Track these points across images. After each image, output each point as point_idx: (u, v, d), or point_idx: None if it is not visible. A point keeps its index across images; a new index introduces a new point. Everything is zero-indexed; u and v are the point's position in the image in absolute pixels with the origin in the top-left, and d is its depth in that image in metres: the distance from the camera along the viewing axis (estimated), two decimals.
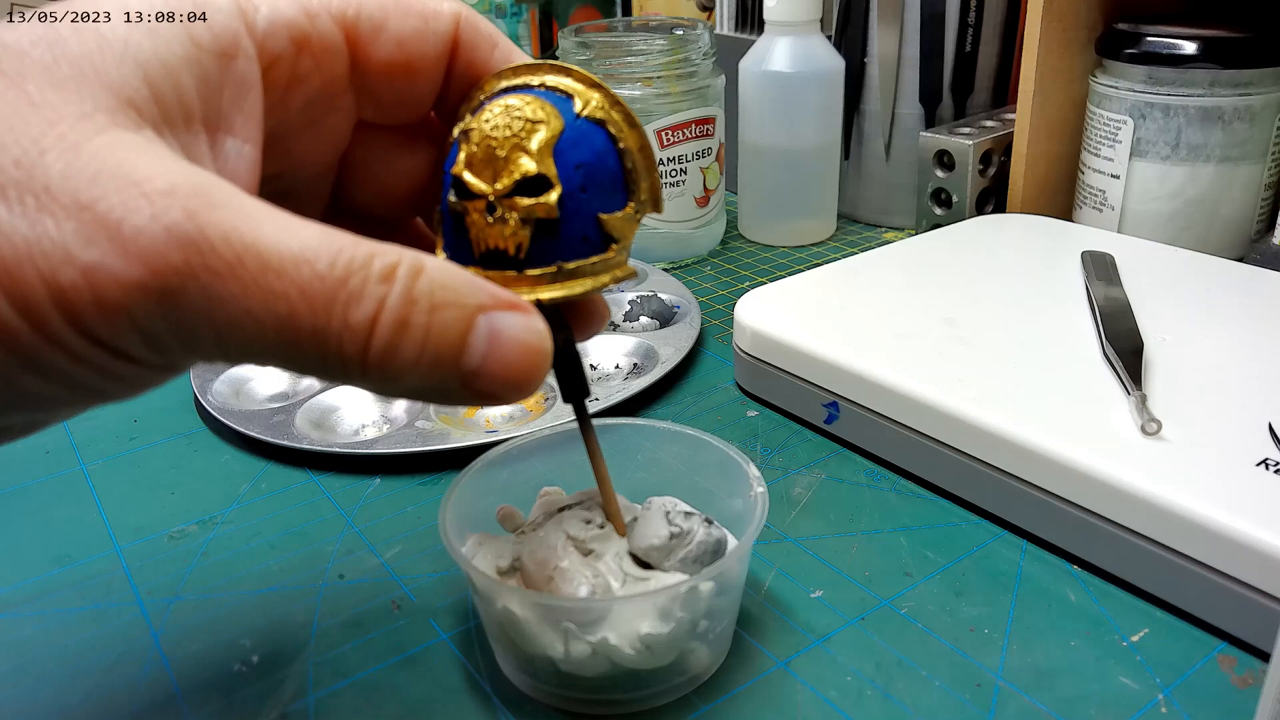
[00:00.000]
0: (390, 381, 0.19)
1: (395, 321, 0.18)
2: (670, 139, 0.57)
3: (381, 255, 0.19)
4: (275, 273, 0.17)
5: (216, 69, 0.20)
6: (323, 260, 0.18)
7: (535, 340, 0.20)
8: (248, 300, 0.17)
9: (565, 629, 0.26)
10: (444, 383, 0.20)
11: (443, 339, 0.19)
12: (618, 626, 0.26)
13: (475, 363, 0.20)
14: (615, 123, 0.23)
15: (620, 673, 0.26)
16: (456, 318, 0.19)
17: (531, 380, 0.21)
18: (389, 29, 0.23)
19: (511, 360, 0.20)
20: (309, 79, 0.22)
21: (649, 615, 0.26)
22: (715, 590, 0.27)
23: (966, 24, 0.61)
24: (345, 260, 0.18)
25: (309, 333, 0.18)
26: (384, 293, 0.18)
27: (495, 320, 0.20)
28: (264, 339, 0.18)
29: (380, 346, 0.18)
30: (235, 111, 0.21)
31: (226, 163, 0.20)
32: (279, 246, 0.18)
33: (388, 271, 0.19)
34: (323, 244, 0.18)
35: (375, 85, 0.24)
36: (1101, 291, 0.43)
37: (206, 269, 0.17)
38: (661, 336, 0.48)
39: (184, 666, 0.30)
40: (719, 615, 0.28)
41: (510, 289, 0.23)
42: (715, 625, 0.28)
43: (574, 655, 0.26)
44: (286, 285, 0.17)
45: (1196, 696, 0.27)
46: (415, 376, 0.19)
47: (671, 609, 0.26)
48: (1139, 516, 0.30)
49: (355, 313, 0.18)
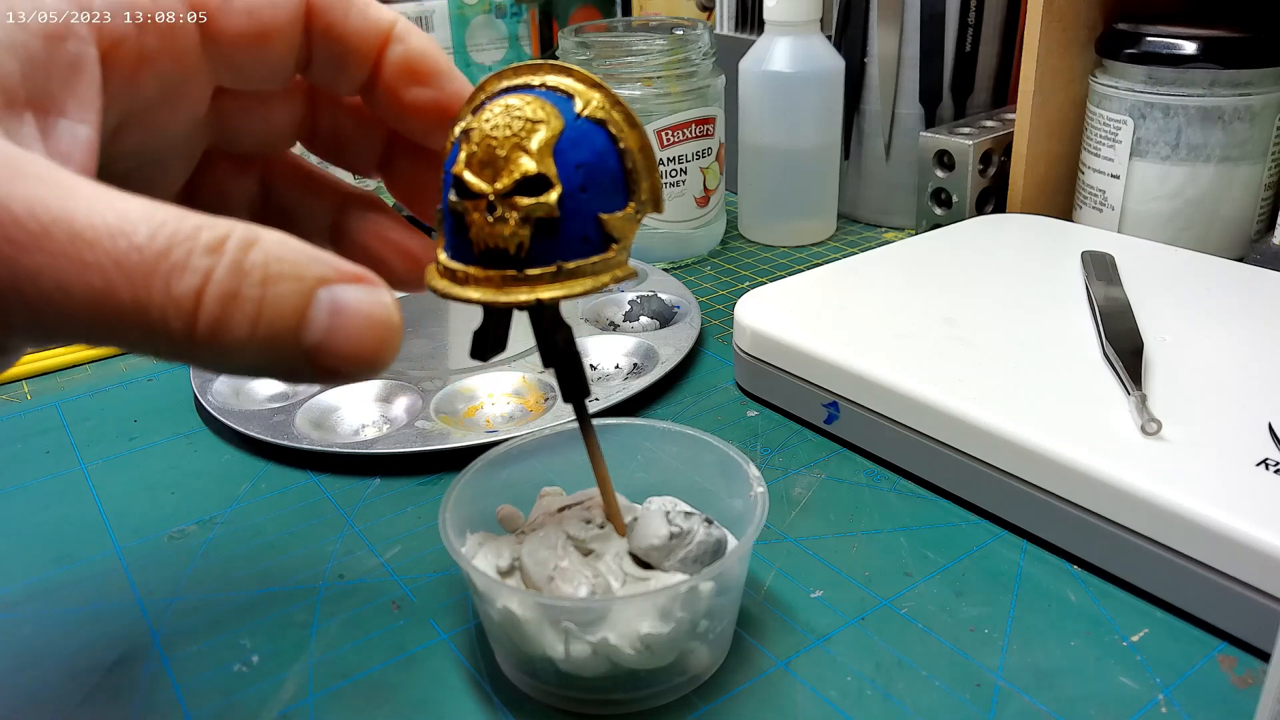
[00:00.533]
0: (225, 358, 0.18)
1: (223, 294, 0.18)
2: (670, 139, 0.57)
3: (210, 227, 0.18)
4: (88, 244, 0.17)
5: (44, 51, 0.20)
6: (141, 232, 0.17)
7: (381, 312, 0.20)
8: (57, 273, 0.17)
9: (565, 629, 0.26)
10: (285, 360, 0.19)
11: (278, 312, 0.18)
12: (618, 626, 0.26)
13: (317, 337, 0.19)
14: (616, 123, 0.23)
15: (620, 673, 0.26)
16: (293, 290, 0.18)
17: (380, 355, 0.20)
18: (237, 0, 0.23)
19: (356, 334, 0.19)
20: (157, 57, 0.22)
21: (649, 615, 0.26)
22: (715, 590, 0.27)
23: (966, 24, 0.61)
24: (168, 232, 0.17)
25: (129, 307, 0.17)
26: (210, 264, 0.18)
27: (338, 293, 0.19)
28: (80, 312, 0.17)
29: (208, 320, 0.18)
30: (67, 94, 0.20)
31: (59, 144, 0.20)
32: (92, 218, 0.17)
33: (215, 243, 0.18)
34: (143, 216, 0.17)
35: (231, 55, 0.23)
36: (1101, 291, 0.43)
37: (9, 240, 0.16)
38: (661, 336, 0.48)
39: (184, 666, 0.30)
40: (719, 615, 0.28)
41: (510, 289, 0.23)
42: (715, 625, 0.28)
43: (574, 655, 0.26)
44: (100, 257, 0.17)
45: (1196, 696, 0.27)
46: (251, 352, 0.18)
47: (672, 609, 0.26)
48: (1139, 516, 0.30)
49: (178, 285, 0.17)
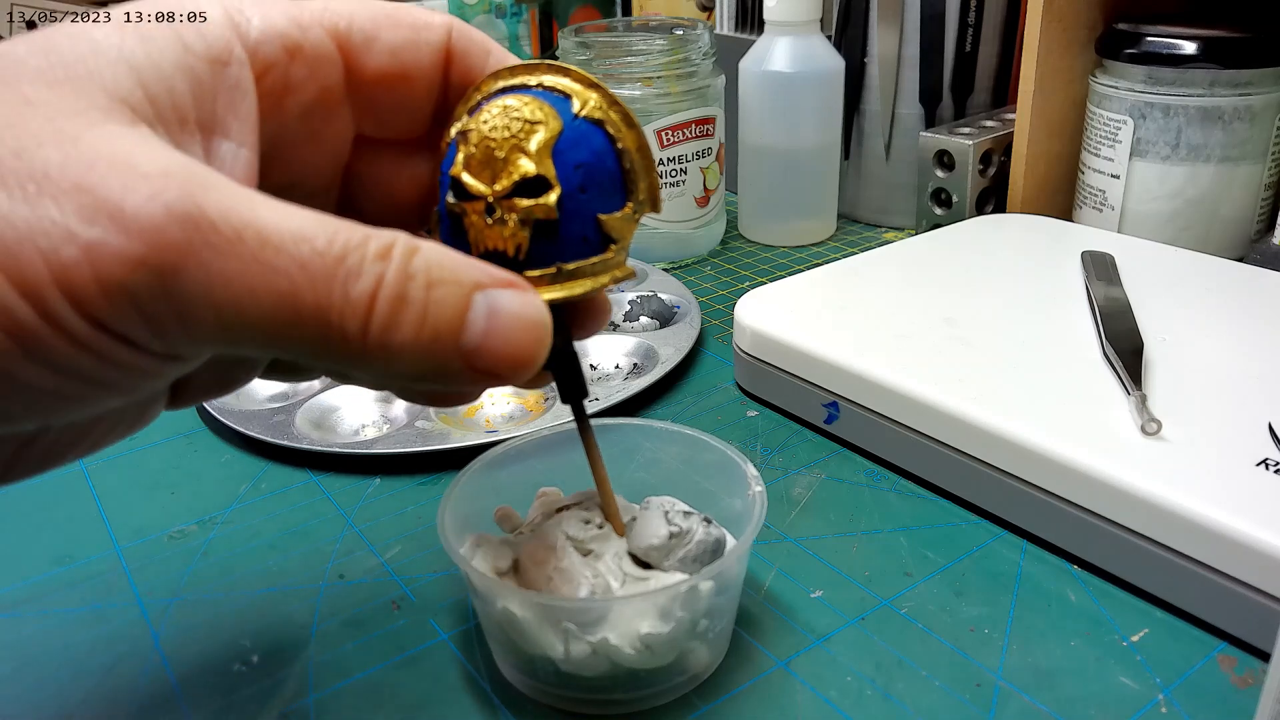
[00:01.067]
0: (392, 360, 0.19)
1: (394, 296, 0.19)
2: (670, 139, 0.57)
3: (377, 236, 0.19)
4: (275, 249, 0.18)
5: (209, 74, 0.20)
6: (320, 239, 0.18)
7: (535, 315, 0.21)
8: (248, 277, 0.17)
9: (565, 629, 0.26)
10: (445, 361, 0.20)
11: (440, 314, 0.19)
12: (618, 626, 0.26)
13: (476, 339, 0.20)
14: (613, 122, 0.23)
15: (620, 672, 0.26)
16: (454, 293, 0.19)
17: (534, 357, 0.21)
18: (381, 39, 0.23)
19: (512, 336, 0.20)
20: (303, 87, 0.23)
21: (649, 615, 0.26)
22: (715, 589, 0.27)
23: (966, 24, 0.61)
24: (343, 239, 0.18)
25: (311, 308, 0.18)
26: (381, 269, 0.19)
27: (493, 297, 0.20)
28: (265, 317, 0.18)
29: (380, 321, 0.19)
30: (230, 115, 0.21)
31: (223, 164, 0.21)
32: (278, 225, 0.18)
33: (384, 250, 0.19)
34: (319, 225, 0.18)
35: (371, 96, 0.24)
36: (1101, 291, 0.43)
37: (206, 245, 0.17)
38: (661, 336, 0.48)
39: (184, 666, 0.30)
40: (719, 614, 0.28)
41: None
42: (715, 624, 0.28)
43: (574, 655, 0.26)
44: (286, 261, 0.18)
45: (1196, 696, 0.27)
46: (416, 354, 0.19)
47: (672, 608, 0.26)
48: (1139, 516, 0.30)
49: (355, 287, 0.18)
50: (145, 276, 0.17)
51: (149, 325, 0.18)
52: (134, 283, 0.17)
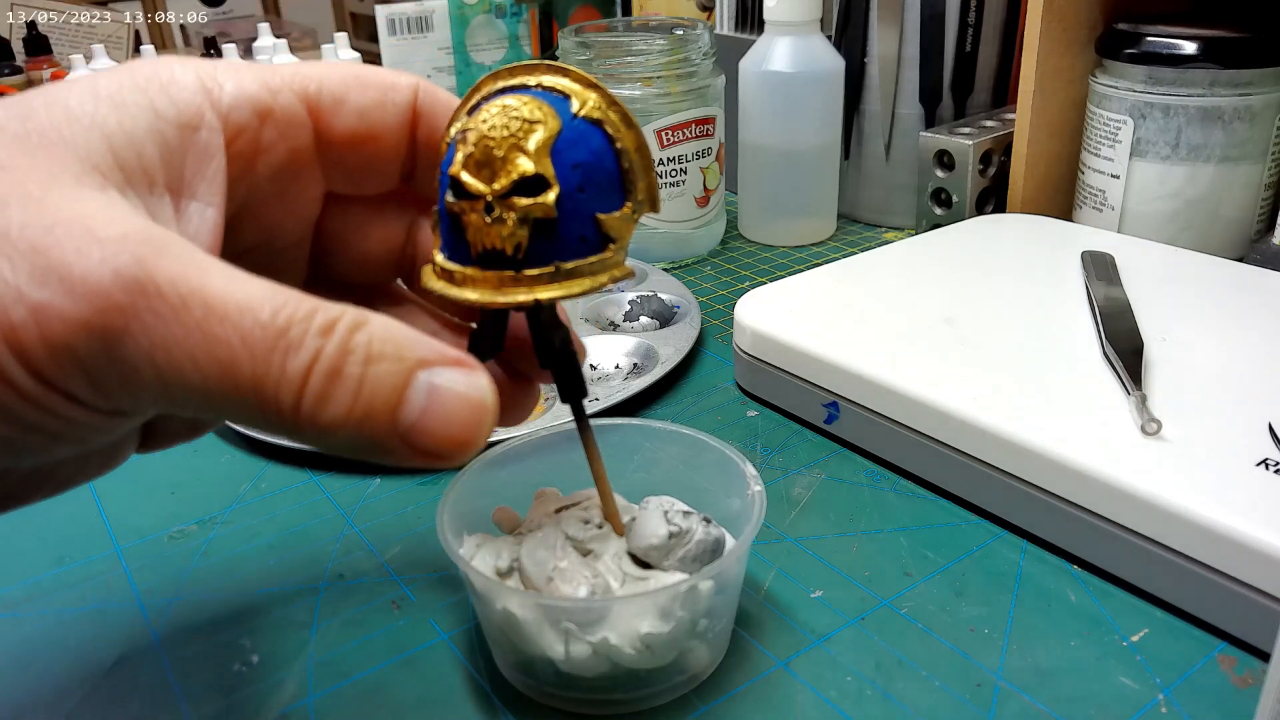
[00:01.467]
0: (325, 434, 0.19)
1: (328, 370, 0.19)
2: (670, 139, 0.57)
3: (324, 310, 0.19)
4: (219, 319, 0.18)
5: (179, 139, 0.21)
6: (265, 310, 0.18)
7: (477, 395, 0.20)
8: (190, 344, 0.18)
9: (566, 629, 0.26)
10: (380, 439, 0.19)
11: (376, 391, 0.19)
12: (618, 626, 0.26)
13: (413, 418, 0.20)
14: (612, 122, 0.23)
15: (620, 672, 0.26)
16: (393, 370, 0.19)
17: (474, 438, 0.20)
18: (350, 101, 0.24)
19: (452, 416, 0.20)
20: (273, 148, 0.24)
21: (649, 615, 0.26)
22: (715, 589, 0.27)
23: (966, 24, 0.61)
24: (288, 312, 0.19)
25: (248, 379, 0.18)
26: (320, 344, 0.19)
27: (436, 375, 0.20)
28: (205, 383, 0.18)
29: (312, 397, 0.19)
30: (198, 178, 0.22)
31: (189, 224, 0.21)
32: (224, 295, 0.18)
33: (328, 325, 0.19)
34: (267, 296, 0.19)
35: (340, 156, 0.25)
36: (1101, 291, 0.43)
37: (150, 310, 0.18)
38: (661, 336, 0.48)
39: (184, 666, 0.30)
40: (718, 614, 0.28)
41: (508, 289, 0.23)
42: (715, 624, 0.28)
43: (574, 656, 0.26)
44: (229, 331, 0.18)
45: (1196, 696, 0.27)
46: (349, 429, 0.19)
47: (672, 608, 0.26)
48: (1139, 516, 0.30)
49: (292, 362, 0.18)
50: (88, 339, 0.17)
51: (92, 384, 0.18)
52: (78, 344, 0.17)
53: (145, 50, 0.82)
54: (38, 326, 0.17)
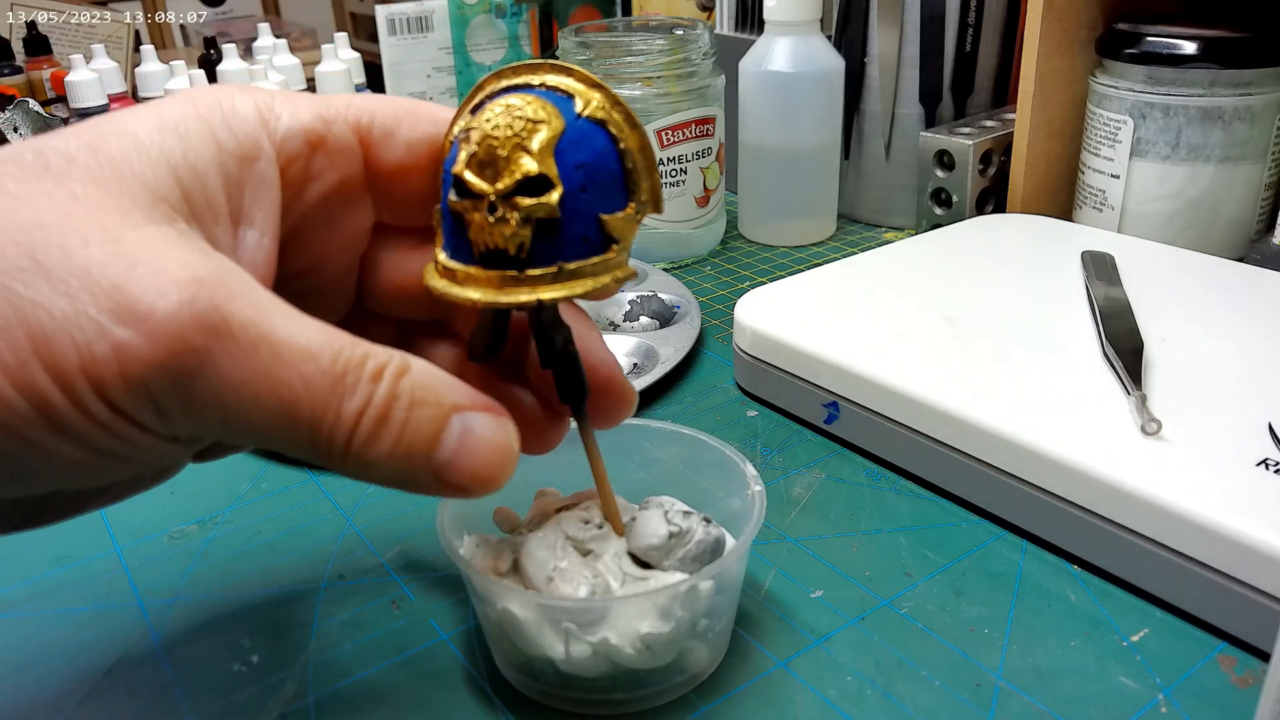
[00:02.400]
0: (367, 469, 0.21)
1: (378, 416, 0.21)
2: (670, 139, 0.57)
3: (374, 356, 0.21)
4: (284, 363, 0.20)
5: (238, 170, 0.22)
6: (325, 356, 0.20)
7: (503, 440, 0.22)
8: (256, 385, 0.19)
9: (566, 629, 0.26)
10: (416, 474, 0.22)
11: (417, 433, 0.21)
12: (618, 626, 0.26)
13: (446, 457, 0.22)
14: (616, 123, 0.23)
15: (620, 672, 0.26)
16: (432, 415, 0.21)
17: (498, 476, 0.22)
18: (400, 134, 0.25)
19: (480, 456, 0.22)
20: (323, 176, 0.24)
21: (649, 615, 0.26)
22: (715, 589, 0.27)
23: (966, 24, 0.61)
24: (345, 358, 0.20)
25: (306, 418, 0.20)
26: (372, 390, 0.21)
27: (469, 420, 0.22)
28: (265, 419, 0.20)
29: (362, 437, 0.21)
30: (255, 207, 0.23)
31: (246, 252, 0.23)
32: (289, 340, 0.20)
33: (378, 371, 0.21)
34: (326, 341, 0.20)
35: (388, 187, 0.25)
36: (1101, 291, 0.43)
37: (224, 353, 0.19)
38: (661, 336, 0.48)
39: (184, 666, 0.30)
40: (718, 614, 0.28)
41: (510, 289, 0.23)
42: (715, 624, 0.28)
43: (574, 656, 0.26)
44: (292, 375, 0.20)
45: (1196, 696, 0.27)
46: (389, 465, 0.21)
47: (672, 608, 0.26)
48: (1139, 516, 0.30)
49: (347, 405, 0.20)
50: (163, 376, 0.19)
51: (160, 414, 0.19)
52: (152, 380, 0.19)
53: (145, 50, 0.82)
54: (118, 363, 0.18)
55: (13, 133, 0.72)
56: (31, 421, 0.18)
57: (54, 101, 0.89)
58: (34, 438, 0.19)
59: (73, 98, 0.74)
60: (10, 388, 0.18)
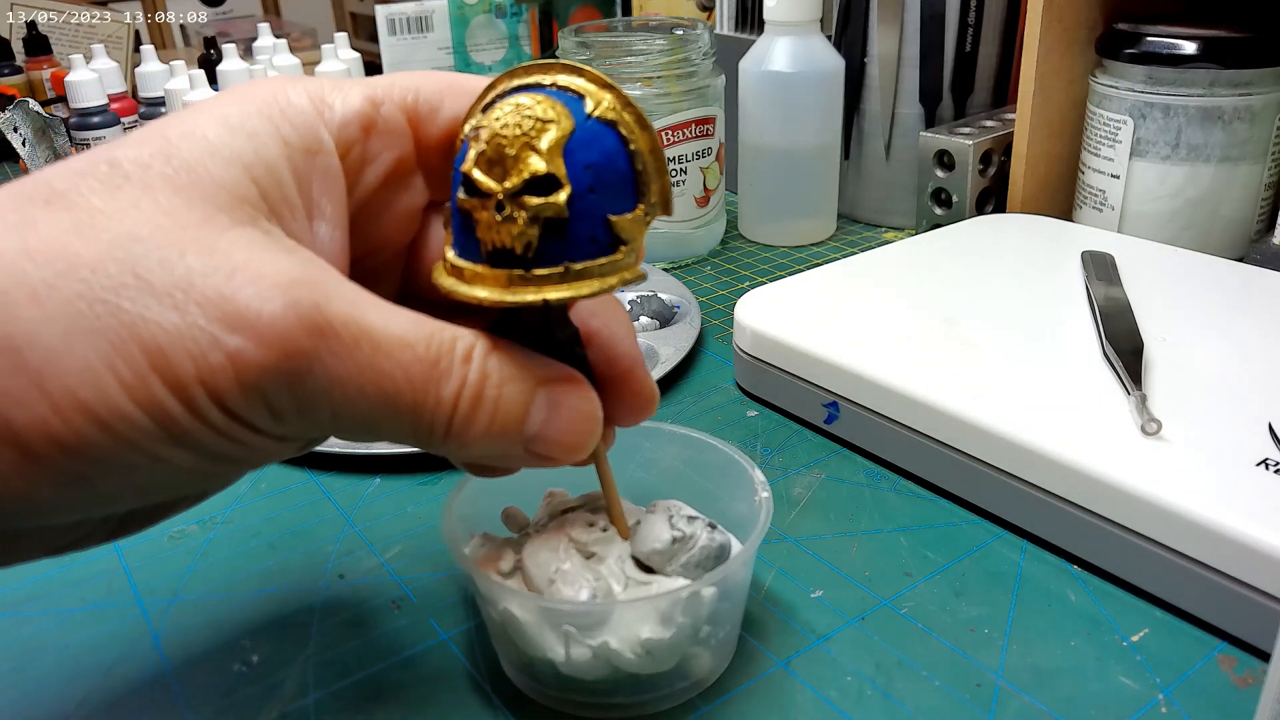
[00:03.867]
0: (465, 447, 0.22)
1: (473, 396, 0.22)
2: (670, 139, 0.57)
3: (462, 338, 0.22)
4: (385, 355, 0.20)
5: (305, 164, 0.22)
6: (420, 345, 0.21)
7: (589, 408, 0.24)
8: (361, 379, 0.20)
9: (566, 632, 0.26)
10: (509, 447, 0.23)
11: (509, 410, 0.22)
12: (618, 630, 0.26)
13: (535, 429, 0.23)
14: (627, 124, 0.23)
15: (621, 676, 0.26)
16: (521, 390, 0.22)
17: (584, 444, 0.24)
18: (444, 108, 0.25)
19: (568, 426, 0.23)
20: (379, 158, 0.24)
21: (650, 620, 0.26)
22: (718, 596, 0.27)
23: (966, 24, 0.61)
24: (437, 343, 0.21)
25: (409, 406, 0.21)
26: (465, 372, 0.21)
27: (554, 393, 0.23)
28: (370, 412, 0.21)
29: (461, 418, 0.22)
30: (325, 199, 0.23)
31: (322, 246, 0.23)
32: (386, 330, 0.21)
33: (467, 352, 0.22)
34: (417, 329, 0.21)
35: (437, 163, 0.25)
36: (1101, 291, 0.43)
37: (330, 351, 0.20)
38: (661, 336, 0.48)
39: (184, 666, 0.30)
40: (722, 620, 0.28)
41: (517, 288, 0.23)
42: (718, 630, 0.28)
43: (574, 658, 0.26)
44: (393, 366, 0.20)
45: (1196, 696, 0.27)
46: (485, 443, 0.22)
47: (673, 614, 0.26)
48: (1139, 516, 0.31)
49: (445, 389, 0.21)
50: (276, 379, 0.19)
51: (274, 415, 0.20)
52: (266, 384, 0.19)
53: (145, 50, 0.82)
54: (234, 370, 0.19)
55: (12, 133, 0.72)
56: (153, 435, 0.19)
57: (54, 101, 0.89)
58: (157, 451, 0.19)
59: (72, 98, 0.74)
60: (131, 404, 0.18)
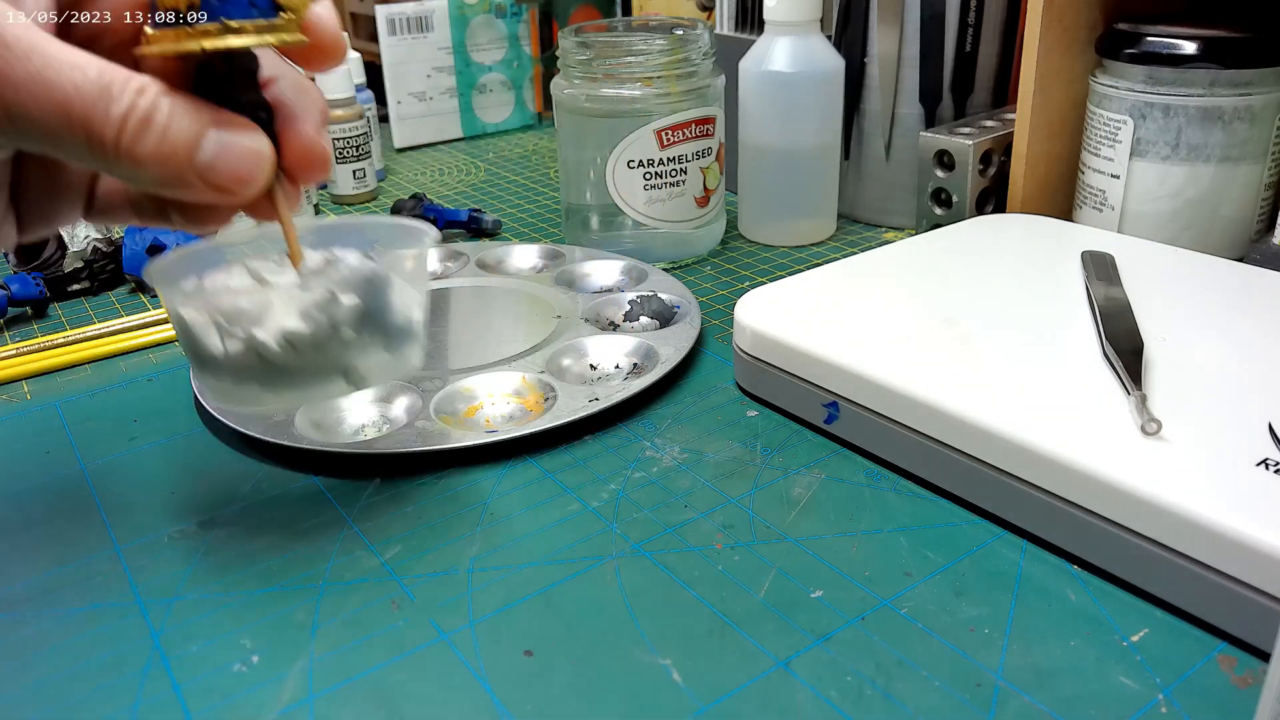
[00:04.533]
0: (137, 165, 0.25)
1: (141, 118, 0.25)
2: (670, 139, 0.57)
3: (137, 77, 0.25)
4: (55, 70, 0.24)
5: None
6: (92, 70, 0.25)
7: (259, 146, 0.27)
8: (33, 86, 0.24)
9: (218, 324, 0.30)
10: (183, 173, 0.26)
11: (177, 137, 0.26)
12: (265, 324, 0.30)
13: (208, 159, 0.26)
14: None
15: (273, 369, 0.30)
16: (191, 123, 0.26)
17: (255, 176, 0.27)
18: None
19: (238, 159, 0.27)
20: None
21: (292, 315, 0.30)
22: (358, 303, 0.31)
23: (966, 24, 0.61)
24: (110, 74, 0.25)
25: (79, 117, 0.24)
26: (135, 99, 0.25)
27: (225, 132, 0.26)
28: (44, 118, 0.24)
29: (129, 134, 0.25)
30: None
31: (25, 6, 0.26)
32: (60, 53, 0.24)
33: (141, 87, 0.25)
34: (92, 61, 0.25)
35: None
36: (1101, 291, 0.43)
37: (2, 58, 0.23)
38: (661, 336, 0.48)
39: (184, 666, 0.30)
40: (372, 327, 0.31)
41: (178, 40, 0.26)
42: (366, 339, 0.31)
43: (230, 351, 0.30)
44: (64, 80, 0.24)
45: (1196, 696, 0.27)
46: (158, 165, 0.26)
47: (310, 311, 0.30)
48: (1139, 516, 0.31)
49: (113, 108, 0.25)
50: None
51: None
52: None
53: None
54: None
55: None
56: None
57: None
58: None
59: None
60: None
